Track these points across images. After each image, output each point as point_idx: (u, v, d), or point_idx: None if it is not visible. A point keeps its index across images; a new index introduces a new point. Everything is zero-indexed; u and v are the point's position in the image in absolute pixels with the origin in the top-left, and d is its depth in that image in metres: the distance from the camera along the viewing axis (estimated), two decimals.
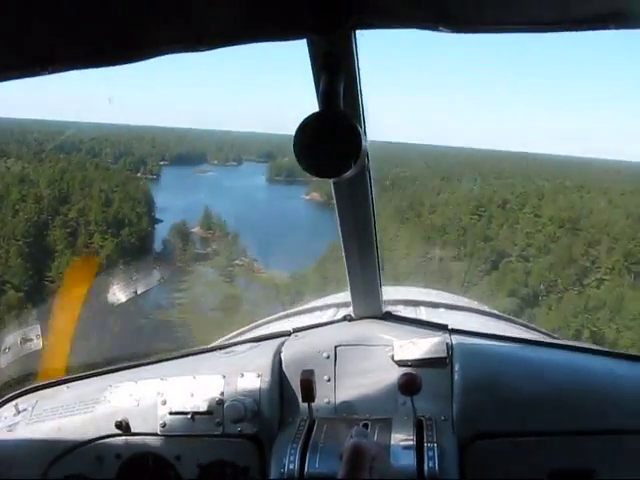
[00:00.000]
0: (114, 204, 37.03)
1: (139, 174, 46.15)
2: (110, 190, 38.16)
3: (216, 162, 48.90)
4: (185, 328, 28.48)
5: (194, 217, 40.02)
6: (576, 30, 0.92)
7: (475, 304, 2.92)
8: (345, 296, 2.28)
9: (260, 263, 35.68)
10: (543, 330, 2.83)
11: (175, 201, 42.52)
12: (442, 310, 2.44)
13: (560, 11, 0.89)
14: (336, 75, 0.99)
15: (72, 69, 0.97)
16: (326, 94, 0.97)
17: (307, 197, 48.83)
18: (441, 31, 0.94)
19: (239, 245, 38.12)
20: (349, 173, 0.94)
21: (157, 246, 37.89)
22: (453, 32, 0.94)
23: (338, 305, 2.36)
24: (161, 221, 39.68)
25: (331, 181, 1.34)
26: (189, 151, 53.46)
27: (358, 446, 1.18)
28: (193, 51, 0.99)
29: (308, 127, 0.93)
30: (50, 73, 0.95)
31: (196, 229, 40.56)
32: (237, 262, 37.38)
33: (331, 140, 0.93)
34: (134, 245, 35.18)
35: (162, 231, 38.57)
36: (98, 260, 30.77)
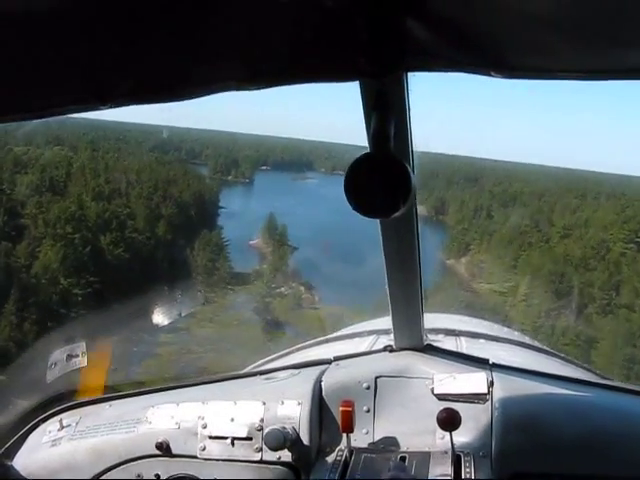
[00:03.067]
0: (114, 201, 31.01)
1: (229, 177, 49.58)
2: (131, 185, 33.55)
3: (323, 170, 52.74)
4: None
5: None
6: (631, 79, 1.02)
7: (516, 335, 3.15)
8: (385, 322, 2.52)
9: (318, 293, 29.64)
10: (585, 365, 3.01)
11: (251, 207, 42.76)
12: (482, 341, 2.67)
13: (615, 60, 0.98)
14: (387, 115, 1.13)
15: (128, 104, 1.16)
16: (377, 135, 1.10)
17: None
18: (493, 76, 1.05)
19: (295, 266, 33.60)
20: (397, 213, 1.07)
21: (173, 262, 30.86)
22: (505, 78, 1.05)
23: (378, 332, 2.62)
24: (220, 227, 38.60)
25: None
26: (295, 158, 56.64)
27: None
28: (245, 89, 1.15)
29: (359, 168, 1.06)
30: (109, 108, 1.13)
31: (256, 241, 38.98)
32: (281, 289, 31.05)
33: (381, 182, 1.05)
34: (117, 257, 28.03)
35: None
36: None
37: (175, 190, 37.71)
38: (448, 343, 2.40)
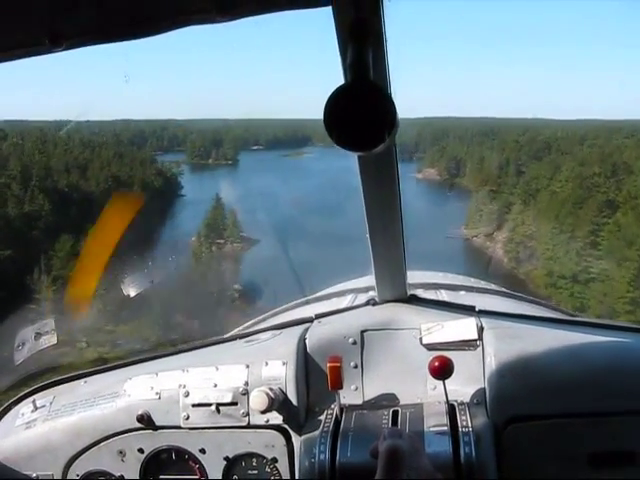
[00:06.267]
0: None
1: (210, 160, 53.69)
2: None
3: (322, 144, 57.10)
4: None
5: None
6: None
7: (493, 286, 3.54)
8: (363, 281, 2.92)
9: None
10: (567, 310, 3.43)
11: (219, 192, 44.74)
12: (463, 293, 3.02)
13: None
14: (364, 45, 1.23)
15: (83, 45, 1.27)
16: (355, 65, 1.21)
17: (420, 175, 49.07)
18: None
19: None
20: (381, 147, 1.17)
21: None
22: None
23: (356, 291, 2.95)
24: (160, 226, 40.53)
25: (355, 158, 1.73)
26: (291, 135, 58.11)
27: (393, 448, 1.52)
28: (212, 22, 1.27)
29: (339, 99, 1.15)
30: (64, 49, 1.24)
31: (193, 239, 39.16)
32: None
33: (364, 111, 1.14)
34: None
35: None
36: None
37: (65, 178, 39.09)
38: (429, 296, 2.68)
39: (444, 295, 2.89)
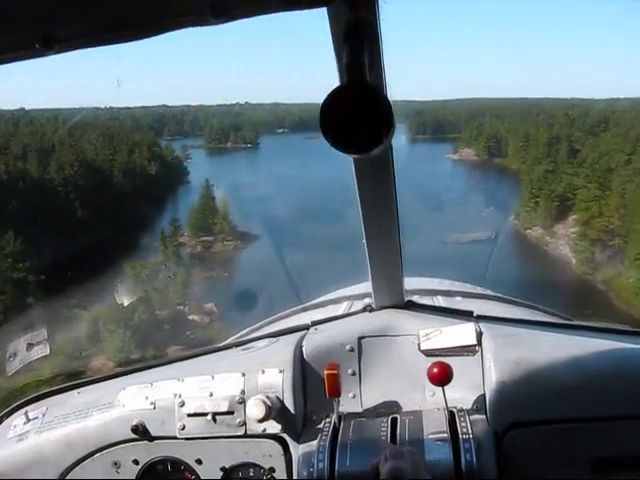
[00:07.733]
0: None
1: (228, 143, 56.23)
2: None
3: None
4: None
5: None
6: None
7: (489, 292, 3.71)
8: (359, 288, 3.08)
9: None
10: (565, 315, 3.56)
11: (229, 176, 46.93)
12: (459, 299, 3.17)
13: None
14: (360, 45, 1.31)
15: (76, 48, 1.33)
16: (351, 66, 1.28)
17: (455, 156, 48.91)
18: None
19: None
20: (378, 149, 1.24)
21: None
22: None
23: (352, 298, 3.10)
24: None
25: (352, 161, 1.81)
26: (315, 117, 61.28)
27: (396, 471, 1.66)
28: (208, 24, 1.30)
29: (335, 101, 1.22)
30: (55, 53, 1.30)
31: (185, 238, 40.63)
32: None
33: (361, 113, 1.21)
34: None
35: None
36: None
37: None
38: (425, 302, 2.82)
39: (441, 301, 3.02)
